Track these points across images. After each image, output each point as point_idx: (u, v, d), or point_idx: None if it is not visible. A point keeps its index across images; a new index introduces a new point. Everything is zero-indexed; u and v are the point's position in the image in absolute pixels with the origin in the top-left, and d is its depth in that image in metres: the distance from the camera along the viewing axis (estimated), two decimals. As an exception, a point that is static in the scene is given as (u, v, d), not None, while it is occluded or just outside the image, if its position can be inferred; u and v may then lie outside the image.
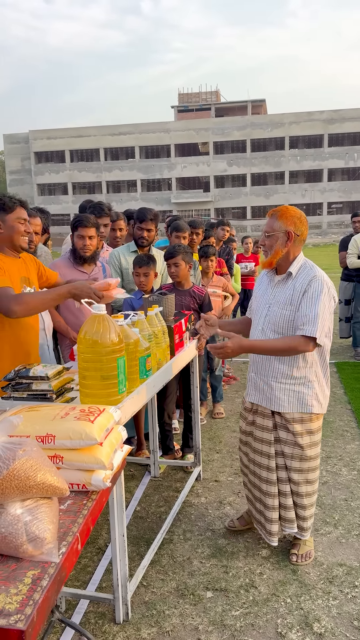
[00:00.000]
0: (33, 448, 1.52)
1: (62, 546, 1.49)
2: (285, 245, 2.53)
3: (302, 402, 2.55)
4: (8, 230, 2.57)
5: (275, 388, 2.58)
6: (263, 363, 2.63)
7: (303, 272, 2.51)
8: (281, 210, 2.55)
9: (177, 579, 2.59)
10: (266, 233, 2.57)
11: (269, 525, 2.69)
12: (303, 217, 2.55)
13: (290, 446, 2.59)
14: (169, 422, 3.83)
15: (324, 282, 2.47)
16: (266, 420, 2.65)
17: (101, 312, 2.15)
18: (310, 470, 2.62)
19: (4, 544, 1.43)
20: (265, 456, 2.67)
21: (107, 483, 1.77)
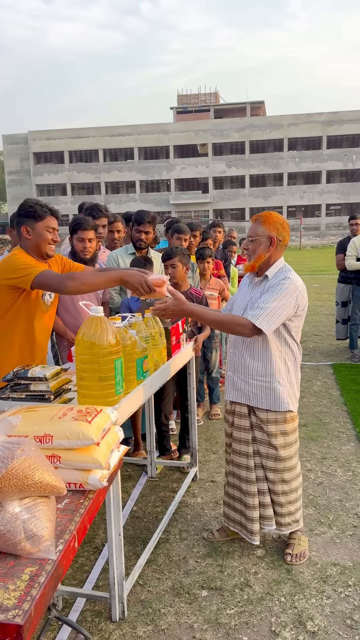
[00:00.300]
0: (31, 448, 1.56)
1: (59, 544, 1.52)
2: (268, 250, 2.60)
3: (277, 400, 2.61)
4: (36, 238, 2.61)
5: (253, 385, 2.65)
6: (238, 361, 2.71)
7: (278, 275, 2.59)
8: (264, 215, 2.63)
9: (173, 578, 2.62)
10: (250, 237, 2.65)
11: (250, 524, 2.72)
12: (285, 224, 2.64)
13: (265, 446, 2.66)
14: (166, 423, 3.86)
15: (292, 283, 2.53)
16: (243, 420, 2.71)
17: (99, 314, 2.18)
18: (285, 470, 2.66)
19: (2, 541, 1.46)
20: (244, 456, 2.73)
21: (103, 482, 1.80)
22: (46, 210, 2.64)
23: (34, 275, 2.46)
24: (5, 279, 2.52)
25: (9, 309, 2.60)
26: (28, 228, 2.62)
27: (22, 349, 2.68)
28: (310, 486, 3.48)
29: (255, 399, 2.65)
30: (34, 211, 2.61)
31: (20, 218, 2.65)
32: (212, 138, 54.81)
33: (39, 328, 2.74)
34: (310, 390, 5.48)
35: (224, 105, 59.02)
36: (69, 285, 2.43)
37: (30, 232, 2.62)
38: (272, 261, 2.63)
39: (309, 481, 3.55)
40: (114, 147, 56.58)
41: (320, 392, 5.43)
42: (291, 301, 2.53)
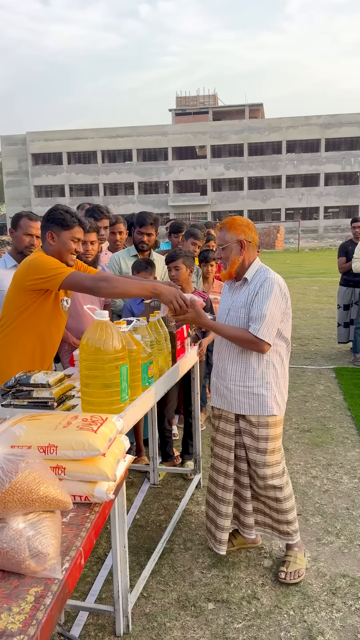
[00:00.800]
0: (36, 460, 1.48)
1: (65, 561, 1.45)
2: (240, 253, 2.60)
3: (261, 405, 2.56)
4: (59, 246, 2.58)
5: (234, 391, 2.60)
6: (222, 366, 2.67)
7: (257, 275, 2.58)
8: (228, 222, 2.63)
9: (178, 590, 2.55)
10: (220, 246, 2.64)
11: (220, 533, 2.67)
12: (250, 224, 2.64)
13: (253, 452, 2.60)
14: (169, 429, 3.79)
15: (275, 282, 2.53)
16: (229, 425, 2.66)
17: (104, 319, 2.11)
18: (274, 476, 2.60)
19: (5, 559, 1.38)
20: (224, 461, 2.67)
21: (110, 495, 1.73)
22: (75, 220, 2.60)
23: (65, 275, 2.42)
24: (31, 280, 2.47)
25: (25, 310, 2.56)
26: (54, 235, 2.58)
27: (34, 351, 2.65)
28: (316, 494, 3.41)
29: (237, 405, 2.61)
30: (63, 219, 2.57)
31: (48, 223, 2.60)
32: (210, 140, 54.84)
33: (55, 333, 2.72)
34: (313, 395, 5.41)
35: (222, 107, 59.06)
36: (102, 287, 2.40)
37: (55, 239, 2.58)
38: (247, 263, 2.63)
39: (315, 489, 3.48)
40: (112, 149, 56.57)
41: (323, 396, 5.37)
42: (282, 301, 2.54)
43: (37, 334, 2.63)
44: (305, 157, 54.38)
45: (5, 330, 2.61)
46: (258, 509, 2.69)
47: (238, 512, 2.69)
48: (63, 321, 2.80)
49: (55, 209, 2.63)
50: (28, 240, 3.33)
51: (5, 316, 2.61)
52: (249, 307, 2.54)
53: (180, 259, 3.60)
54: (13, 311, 2.59)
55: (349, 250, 6.76)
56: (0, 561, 1.39)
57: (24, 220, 3.36)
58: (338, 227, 53.56)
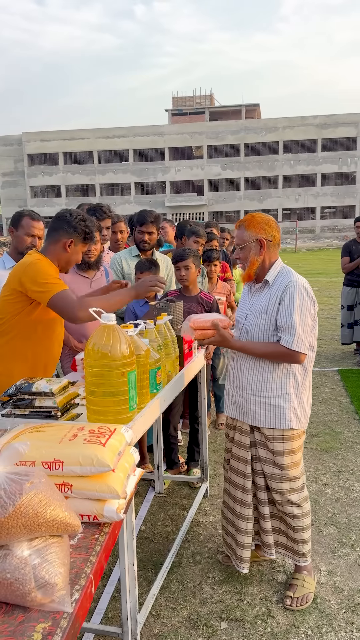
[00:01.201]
0: (41, 479, 1.35)
1: (74, 591, 1.32)
2: (260, 253, 2.42)
3: (279, 417, 2.39)
4: (72, 256, 2.55)
5: (251, 401, 2.44)
6: (238, 373, 2.51)
7: (279, 279, 2.41)
8: (247, 219, 2.45)
9: (189, 608, 2.41)
10: (238, 246, 2.46)
11: (241, 550, 2.50)
12: (271, 222, 2.44)
13: (270, 465, 2.43)
14: (175, 435, 3.66)
15: (300, 286, 2.35)
16: (244, 437, 2.50)
17: (111, 322, 1.98)
18: (292, 491, 2.43)
19: (9, 591, 1.25)
20: (240, 475, 2.51)
21: (121, 515, 1.60)
22: (93, 237, 2.63)
23: (53, 293, 2.35)
24: (23, 284, 2.38)
25: (19, 315, 2.45)
26: (72, 244, 2.52)
27: (35, 361, 2.54)
28: (329, 502, 3.29)
29: (253, 417, 2.44)
30: (87, 234, 2.55)
31: (71, 230, 2.50)
32: (207, 140, 54.73)
33: (57, 340, 2.64)
34: (319, 398, 5.29)
35: (219, 107, 58.96)
36: (82, 317, 2.34)
37: (72, 248, 2.52)
38: (268, 264, 2.44)
39: (326, 497, 3.35)
40: (108, 149, 56.38)
41: (329, 399, 5.24)
42: (310, 306, 2.37)
43: (36, 342, 2.51)
44: (301, 157, 54.33)
45: (5, 339, 2.48)
46: (277, 528, 2.52)
47: (259, 528, 2.53)
48: (63, 327, 2.71)
49: (82, 219, 2.54)
50: (30, 241, 3.20)
51: (5, 324, 2.48)
52: (272, 314, 2.36)
53: (190, 258, 3.47)
54: (10, 317, 2.47)
55: (353, 250, 6.64)
56: (4, 593, 1.26)
57: (26, 220, 3.22)
58: (335, 227, 53.52)
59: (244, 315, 2.51)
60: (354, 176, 53.83)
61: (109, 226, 3.94)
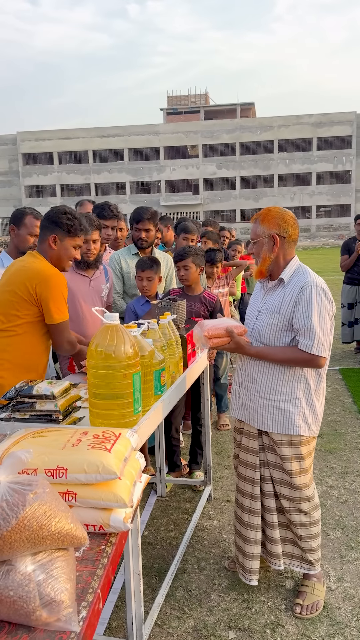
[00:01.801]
0: (46, 489, 1.26)
1: (81, 608, 1.24)
2: (272, 250, 2.30)
3: (287, 422, 2.28)
4: (61, 252, 2.49)
5: (259, 404, 2.33)
6: (246, 374, 2.40)
7: (295, 278, 2.28)
8: (263, 213, 2.33)
9: (195, 617, 2.34)
10: (252, 240, 2.36)
11: (250, 562, 2.39)
12: (288, 217, 2.31)
13: (279, 471, 2.33)
14: (177, 437, 3.58)
15: (317, 287, 2.23)
16: (252, 441, 2.40)
17: (114, 322, 1.90)
18: (302, 499, 2.32)
19: (12, 610, 1.17)
20: (249, 482, 2.41)
21: (128, 524, 1.52)
22: (82, 228, 2.54)
23: (60, 320, 2.46)
24: (36, 292, 2.37)
25: (30, 324, 2.43)
26: (57, 239, 2.47)
27: (35, 369, 2.51)
28: (335, 505, 3.22)
29: (260, 420, 2.34)
30: (71, 226, 2.47)
31: (53, 225, 2.47)
32: (202, 139, 54.65)
33: (46, 349, 2.59)
34: (321, 397, 5.22)
35: (214, 106, 58.90)
36: (67, 351, 2.61)
37: (57, 243, 2.48)
38: (282, 262, 2.32)
39: (332, 499, 3.28)
40: (103, 148, 56.23)
41: (331, 399, 5.17)
42: (329, 308, 2.25)
43: (38, 351, 2.51)
44: (297, 156, 54.33)
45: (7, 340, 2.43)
46: (284, 537, 2.42)
47: (265, 539, 2.43)
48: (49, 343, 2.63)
49: (63, 212, 2.49)
50: (32, 241, 3.12)
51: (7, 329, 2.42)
52: (285, 315, 2.25)
53: (189, 258, 3.38)
54: (14, 320, 2.41)
55: (352, 248, 6.59)
56: (6, 612, 1.18)
57: (29, 219, 3.13)
58: (330, 225, 53.57)
59: (254, 314, 2.41)
60: (349, 175, 53.87)
61: (115, 226, 3.83)
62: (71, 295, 3.29)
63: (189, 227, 4.28)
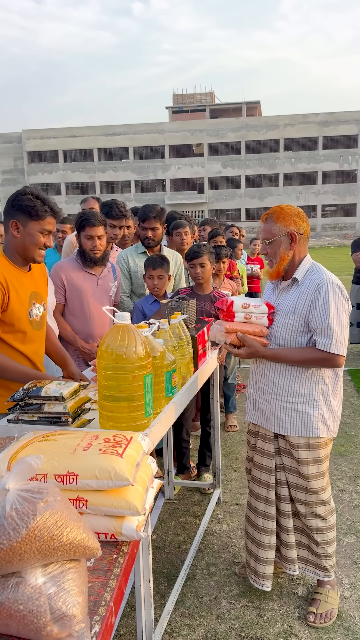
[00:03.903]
0: (57, 497, 1.21)
1: (94, 623, 1.18)
2: (290, 247, 2.24)
3: (305, 424, 2.23)
4: (25, 239, 2.15)
5: (276, 407, 2.28)
6: (262, 377, 2.34)
7: (309, 276, 2.23)
8: (276, 211, 2.26)
9: (205, 624, 2.28)
10: (266, 240, 2.27)
11: (263, 567, 2.33)
12: (301, 213, 2.27)
13: (295, 475, 2.27)
14: (187, 439, 3.52)
15: (333, 285, 2.18)
16: (267, 444, 2.34)
17: (125, 322, 1.84)
18: (318, 503, 2.27)
19: (22, 624, 1.11)
20: (264, 486, 2.35)
21: (141, 533, 1.46)
22: (47, 209, 2.15)
23: None
24: None
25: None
26: (19, 225, 2.14)
27: (11, 383, 2.23)
28: (347, 509, 3.15)
29: (277, 423, 2.28)
30: (32, 207, 2.11)
31: (13, 210, 2.15)
32: (207, 138, 54.50)
33: (31, 353, 2.31)
34: (330, 399, 5.15)
35: (219, 105, 58.74)
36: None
37: (20, 229, 2.14)
38: (297, 260, 2.27)
39: (344, 503, 3.22)
40: (108, 147, 56.15)
41: (340, 400, 5.10)
42: (346, 305, 2.20)
43: (19, 357, 2.26)
44: (302, 155, 54.11)
45: None
46: (299, 542, 2.37)
47: (279, 543, 2.38)
48: (39, 336, 2.36)
49: (22, 192, 2.17)
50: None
51: None
52: (301, 314, 2.20)
53: (206, 255, 3.33)
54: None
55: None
56: (16, 627, 1.12)
57: None
58: (336, 225, 53.35)
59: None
60: (355, 174, 53.63)
61: (122, 225, 3.77)
62: (78, 294, 3.24)
63: (179, 223, 4.23)
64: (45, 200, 2.16)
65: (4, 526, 1.12)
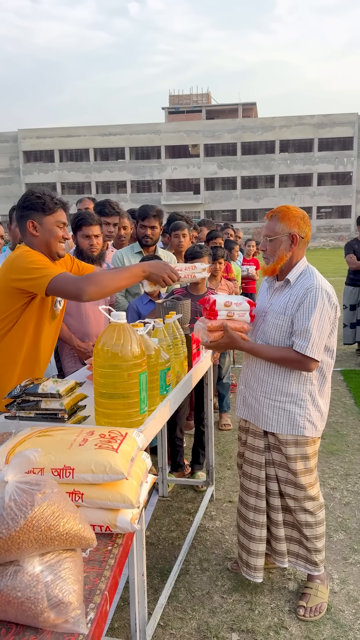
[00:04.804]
0: (54, 489, 1.25)
1: (89, 610, 1.22)
2: (290, 249, 2.29)
3: (292, 423, 2.28)
4: (45, 235, 2.21)
5: (264, 404, 2.33)
6: (252, 375, 2.40)
7: (301, 280, 2.28)
8: (282, 211, 2.31)
9: (198, 618, 2.32)
10: (268, 237, 2.32)
11: (254, 559, 2.39)
12: (306, 217, 2.33)
13: (285, 470, 2.33)
14: (181, 437, 3.57)
15: (322, 291, 2.21)
16: (257, 440, 2.39)
17: (121, 321, 1.88)
18: (307, 498, 2.32)
19: (20, 611, 1.15)
20: (254, 480, 2.41)
21: (135, 525, 1.51)
22: (57, 202, 2.23)
23: (50, 277, 2.04)
24: (14, 279, 2.10)
25: (18, 318, 2.20)
26: (35, 223, 2.20)
27: (25, 364, 2.29)
28: (337, 507, 3.20)
29: (264, 421, 2.34)
30: (42, 203, 2.19)
31: (26, 211, 2.21)
32: (203, 139, 54.61)
33: (46, 341, 2.35)
34: (323, 399, 5.21)
35: (215, 106, 58.86)
36: (90, 292, 2.06)
37: (37, 227, 2.20)
38: (293, 262, 2.33)
39: (335, 501, 3.27)
40: (104, 147, 56.16)
41: (332, 400, 5.16)
42: (331, 312, 2.24)
43: (30, 346, 2.28)
44: (298, 156, 54.30)
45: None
46: (289, 536, 2.42)
47: (270, 537, 2.43)
48: (55, 326, 2.42)
49: (29, 193, 2.24)
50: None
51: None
52: (289, 316, 2.25)
53: (205, 257, 3.40)
54: (2, 318, 2.21)
55: (356, 249, 6.58)
56: (14, 613, 1.16)
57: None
58: (331, 227, 53.56)
59: (262, 314, 2.40)
60: (350, 176, 53.87)
61: (117, 223, 3.82)
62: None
63: (179, 225, 4.29)
64: (52, 195, 2.25)
65: (3, 516, 1.16)
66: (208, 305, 2.37)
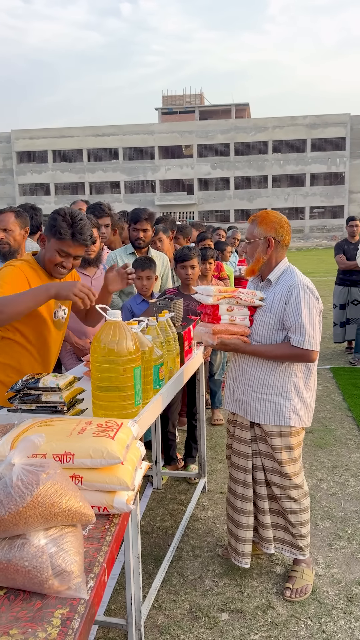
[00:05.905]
0: (57, 471, 1.38)
1: (89, 579, 1.35)
2: (266, 252, 2.44)
3: (278, 414, 2.42)
4: (47, 253, 2.29)
5: (251, 397, 2.47)
6: (239, 369, 2.54)
7: (283, 278, 2.44)
8: (261, 216, 2.46)
9: (190, 600, 2.46)
10: (247, 239, 2.49)
11: (242, 545, 2.52)
12: (284, 222, 2.46)
13: (270, 460, 2.47)
14: (173, 432, 3.70)
15: (304, 287, 2.37)
16: (244, 432, 2.53)
17: (117, 319, 2.02)
18: (292, 487, 2.46)
19: (27, 579, 1.28)
20: (241, 470, 2.54)
21: (130, 506, 1.64)
22: (68, 233, 2.21)
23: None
24: None
25: (14, 327, 2.31)
26: (45, 238, 2.31)
27: (9, 379, 2.38)
28: (324, 497, 3.35)
29: (252, 413, 2.47)
30: (56, 227, 2.22)
31: (47, 224, 2.31)
32: (197, 139, 54.78)
33: (54, 350, 2.49)
34: (312, 395, 5.36)
35: (209, 106, 59.04)
36: None
37: (46, 243, 2.30)
38: (273, 263, 2.47)
39: (322, 492, 3.41)
40: (98, 147, 56.21)
41: (322, 396, 5.31)
42: (317, 304, 2.40)
43: (35, 358, 2.41)
44: (291, 157, 54.59)
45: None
46: (275, 523, 2.56)
47: (257, 524, 2.57)
48: (61, 335, 2.53)
49: (59, 210, 2.28)
50: (3, 236, 3.16)
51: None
52: (276, 313, 2.39)
53: (195, 258, 3.54)
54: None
55: (346, 249, 6.73)
56: (22, 581, 1.29)
57: (4, 215, 3.18)
58: (324, 227, 53.86)
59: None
60: (343, 176, 54.21)
61: (108, 224, 3.95)
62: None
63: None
64: (73, 225, 2.22)
65: (11, 494, 1.29)
66: (210, 311, 2.48)
